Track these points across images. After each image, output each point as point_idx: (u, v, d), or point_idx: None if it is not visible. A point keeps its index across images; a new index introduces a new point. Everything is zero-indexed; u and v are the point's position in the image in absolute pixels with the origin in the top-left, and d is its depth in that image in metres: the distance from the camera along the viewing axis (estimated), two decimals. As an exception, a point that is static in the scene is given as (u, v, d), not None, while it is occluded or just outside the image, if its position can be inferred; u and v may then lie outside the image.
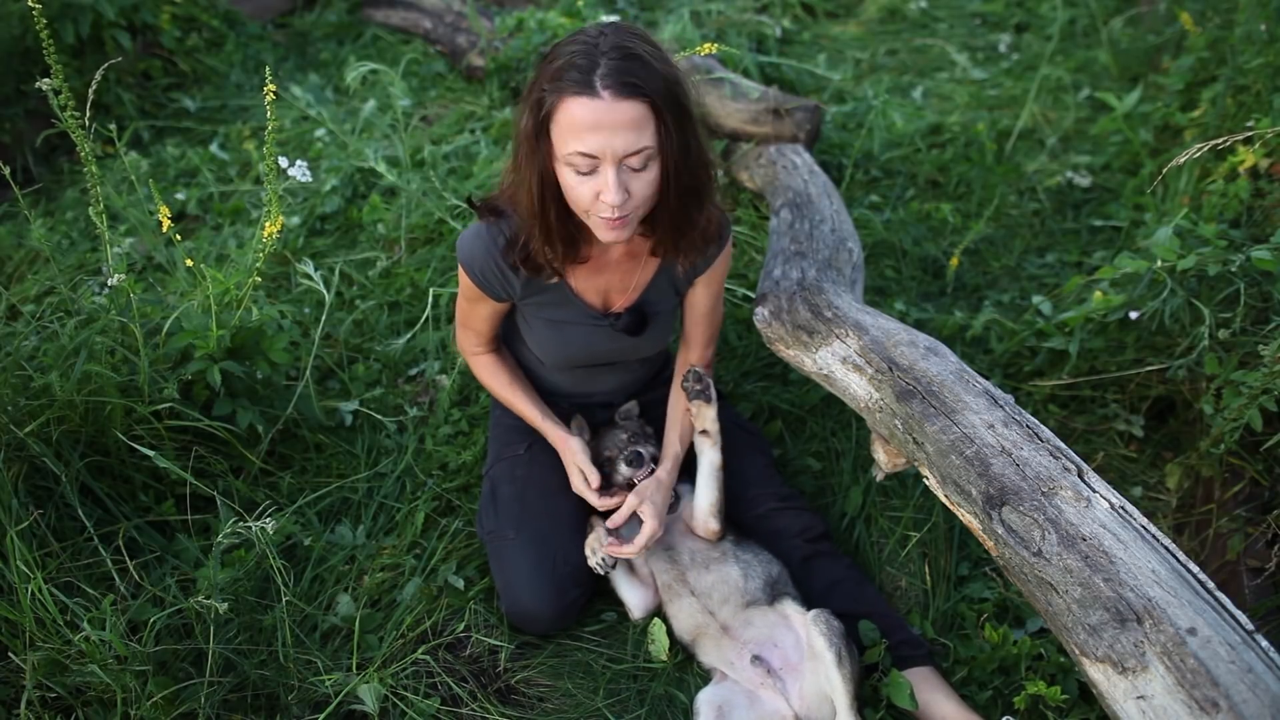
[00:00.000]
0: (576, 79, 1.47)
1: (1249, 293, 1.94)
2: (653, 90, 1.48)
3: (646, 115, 1.49)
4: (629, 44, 1.50)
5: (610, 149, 1.49)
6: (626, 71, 1.47)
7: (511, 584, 1.84)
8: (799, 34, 4.44)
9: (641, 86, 1.47)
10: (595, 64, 1.47)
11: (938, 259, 2.89)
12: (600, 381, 2.05)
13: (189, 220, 3.12)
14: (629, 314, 1.86)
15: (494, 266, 1.75)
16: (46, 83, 1.81)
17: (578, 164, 1.52)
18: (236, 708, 1.69)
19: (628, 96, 1.47)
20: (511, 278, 1.77)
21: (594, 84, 1.46)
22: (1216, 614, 1.22)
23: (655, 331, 1.91)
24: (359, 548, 2.03)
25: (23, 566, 1.62)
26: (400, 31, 4.30)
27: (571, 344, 1.88)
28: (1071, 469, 1.43)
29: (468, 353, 2.01)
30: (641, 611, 1.90)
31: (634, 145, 1.50)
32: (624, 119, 1.47)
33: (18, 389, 1.90)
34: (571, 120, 1.48)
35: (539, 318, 1.86)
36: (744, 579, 1.82)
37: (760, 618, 1.77)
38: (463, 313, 1.92)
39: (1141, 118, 3.26)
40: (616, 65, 1.47)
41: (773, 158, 2.76)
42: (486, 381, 2.01)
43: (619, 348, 1.91)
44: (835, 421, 2.31)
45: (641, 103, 1.48)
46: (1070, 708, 1.68)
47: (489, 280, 1.78)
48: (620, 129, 1.48)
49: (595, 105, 1.47)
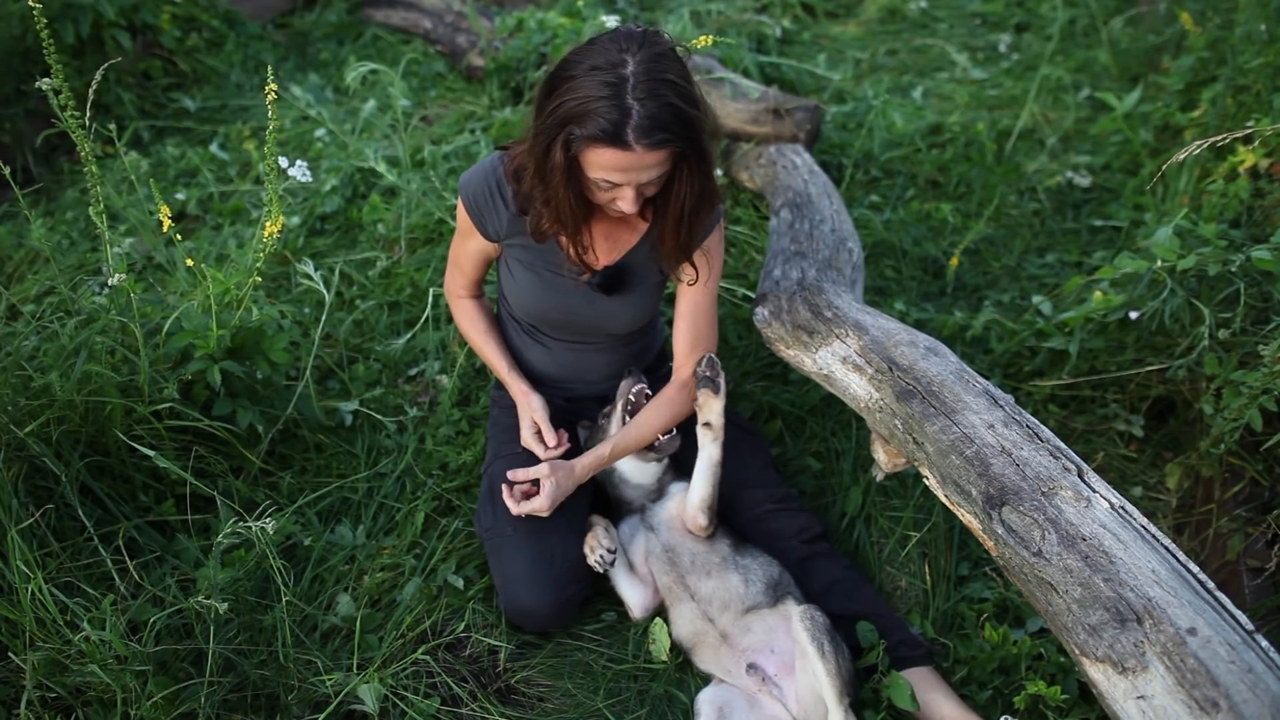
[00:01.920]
0: (608, 130, 1.51)
1: (1249, 293, 1.94)
2: (681, 141, 1.56)
3: (671, 155, 1.59)
4: (659, 79, 1.52)
5: (635, 183, 1.60)
6: (658, 125, 1.52)
7: (510, 580, 1.84)
8: (799, 34, 4.44)
9: (670, 137, 1.54)
10: (627, 115, 1.50)
11: (938, 259, 2.89)
12: (588, 365, 2.03)
13: (189, 220, 3.12)
14: (605, 272, 1.87)
15: (486, 194, 1.81)
16: (46, 83, 1.81)
17: (600, 184, 1.62)
18: (236, 708, 1.69)
19: (659, 148, 1.54)
20: (501, 210, 1.82)
21: (626, 138, 1.52)
22: (1216, 614, 1.22)
23: (632, 299, 1.91)
24: (359, 548, 2.03)
25: (23, 566, 1.62)
26: (400, 31, 4.30)
27: (547, 294, 1.90)
28: (1071, 469, 1.43)
29: (452, 295, 2.08)
30: (642, 611, 1.89)
31: (655, 176, 1.61)
32: (651, 162, 1.57)
33: (18, 389, 1.90)
34: (601, 162, 1.56)
35: (519, 261, 1.90)
36: (744, 585, 1.81)
37: (759, 622, 1.77)
38: (454, 249, 1.99)
39: (1141, 118, 3.26)
40: (649, 116, 1.51)
41: (773, 158, 2.76)
42: (464, 328, 2.08)
43: (595, 312, 1.91)
44: (835, 421, 2.31)
45: (670, 150, 1.57)
46: (1070, 708, 1.68)
47: (479, 208, 1.83)
48: (647, 169, 1.58)
49: (627, 157, 1.54)
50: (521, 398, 1.98)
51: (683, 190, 1.66)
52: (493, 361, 2.04)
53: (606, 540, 1.85)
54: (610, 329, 1.97)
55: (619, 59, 1.51)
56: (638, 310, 1.94)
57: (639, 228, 1.86)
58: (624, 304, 1.91)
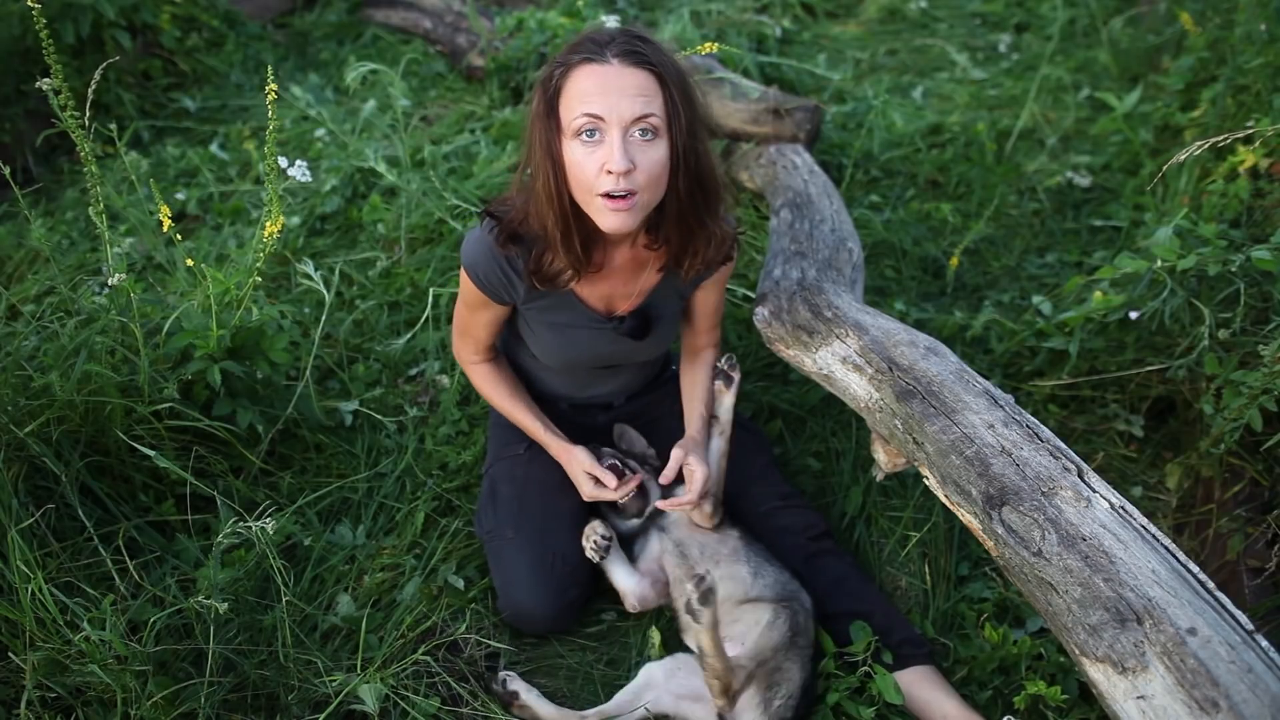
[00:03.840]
0: (588, 49, 1.54)
1: (1249, 293, 1.94)
2: (660, 64, 1.54)
3: (654, 86, 1.53)
4: (640, 34, 1.58)
5: (617, 112, 1.50)
6: (636, 46, 1.54)
7: (510, 583, 1.84)
8: (799, 34, 4.44)
9: (650, 58, 1.53)
10: (608, 40, 1.54)
11: (938, 259, 2.89)
12: (600, 384, 2.04)
13: (189, 220, 3.12)
14: (633, 317, 1.84)
15: (498, 270, 1.74)
16: (46, 83, 1.81)
17: (583, 126, 1.52)
18: (236, 708, 1.69)
19: (636, 65, 1.52)
20: (515, 281, 1.75)
21: (604, 54, 1.53)
22: (1216, 614, 1.22)
23: (659, 335, 1.90)
24: (359, 548, 2.03)
25: (23, 566, 1.62)
26: (400, 31, 4.30)
27: (575, 346, 1.87)
28: (1071, 469, 1.43)
29: (465, 362, 1.99)
30: (637, 600, 1.86)
31: (640, 110, 1.51)
32: (631, 84, 1.52)
33: (18, 389, 1.90)
34: (580, 89, 1.53)
35: (541, 321, 1.85)
36: (752, 577, 1.81)
37: (751, 614, 1.76)
38: (462, 320, 1.91)
39: (1141, 118, 3.26)
40: (627, 41, 1.54)
41: (773, 158, 2.76)
42: (486, 393, 1.99)
43: (622, 350, 1.90)
44: (835, 421, 2.31)
45: (649, 73, 1.53)
46: (1070, 708, 1.68)
47: (492, 284, 1.76)
48: (627, 93, 1.51)
49: (604, 70, 1.52)
50: (565, 455, 1.90)
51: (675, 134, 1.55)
52: (524, 423, 1.95)
53: (602, 528, 1.85)
54: (637, 360, 1.99)
55: (603, 39, 1.56)
56: (666, 340, 1.96)
57: (654, 265, 1.80)
58: (652, 340, 1.90)
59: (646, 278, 1.82)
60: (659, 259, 1.77)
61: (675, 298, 1.90)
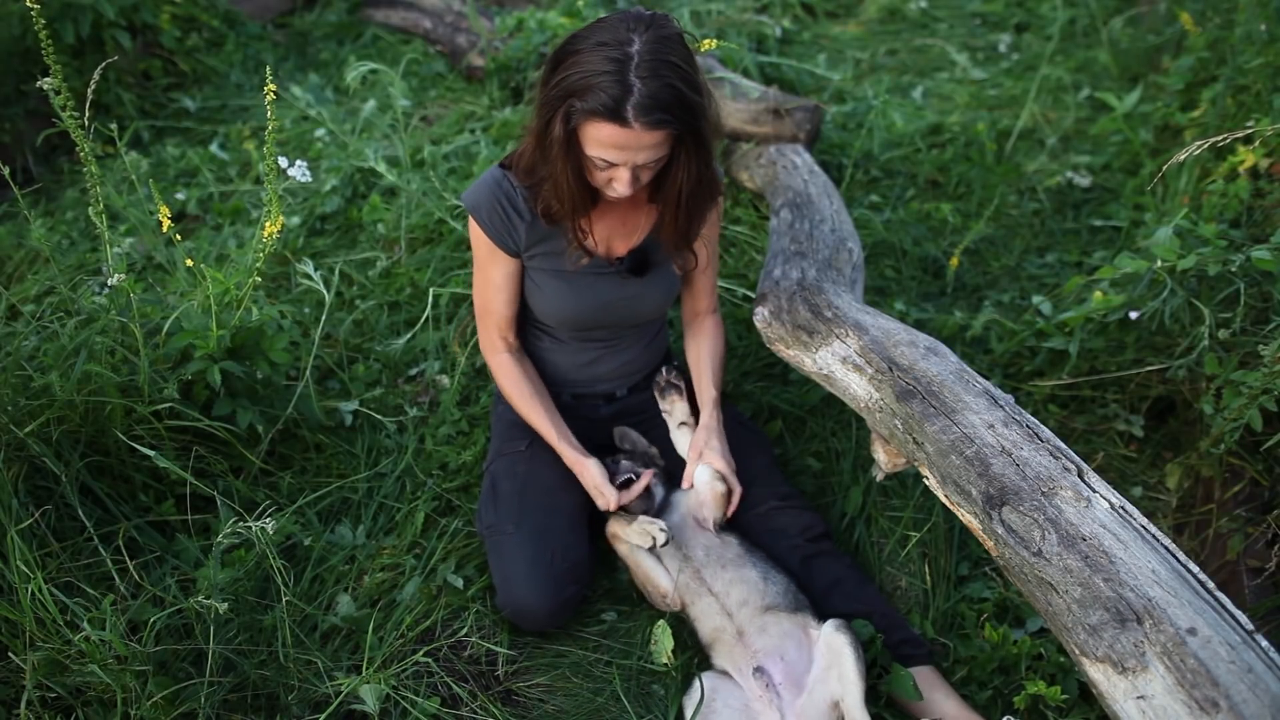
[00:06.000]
0: (608, 105, 1.52)
1: (1249, 293, 1.94)
2: (681, 124, 1.57)
3: (670, 138, 1.59)
4: (663, 60, 1.52)
5: (631, 163, 1.61)
6: (658, 105, 1.52)
7: (509, 579, 1.84)
8: (799, 34, 4.44)
9: (670, 118, 1.54)
10: (628, 91, 1.51)
11: (938, 259, 2.89)
12: (602, 361, 2.04)
13: (189, 220, 3.12)
14: (632, 255, 1.89)
15: (499, 208, 1.80)
16: (47, 82, 1.81)
17: (597, 163, 1.63)
18: (236, 708, 1.69)
19: (656, 128, 1.54)
20: (516, 221, 1.81)
21: (625, 114, 1.52)
22: (1216, 614, 1.22)
23: (659, 278, 1.94)
24: (359, 548, 2.03)
25: (23, 566, 1.62)
26: (400, 31, 4.30)
27: (580, 294, 1.89)
28: (1071, 469, 1.43)
29: (491, 352, 2.00)
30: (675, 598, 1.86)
31: (652, 158, 1.61)
32: (649, 143, 1.57)
33: (18, 389, 1.90)
34: (599, 137, 1.57)
35: (544, 271, 1.88)
36: (764, 581, 1.80)
37: (776, 625, 1.75)
38: (480, 293, 1.94)
39: (1141, 118, 3.26)
40: (651, 95, 1.51)
41: (773, 158, 2.76)
42: (508, 391, 2.00)
43: (625, 298, 1.93)
44: (835, 421, 2.31)
45: (669, 131, 1.57)
46: (1070, 708, 1.68)
47: (495, 224, 1.81)
48: (644, 149, 1.59)
49: (624, 134, 1.55)
50: (578, 467, 1.93)
51: (680, 175, 1.67)
52: (541, 426, 1.96)
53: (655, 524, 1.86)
54: (643, 313, 2.00)
55: (626, 37, 1.53)
56: (666, 288, 1.98)
57: (651, 211, 1.88)
58: (653, 284, 1.94)
59: (645, 217, 1.89)
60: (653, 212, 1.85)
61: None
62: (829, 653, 1.67)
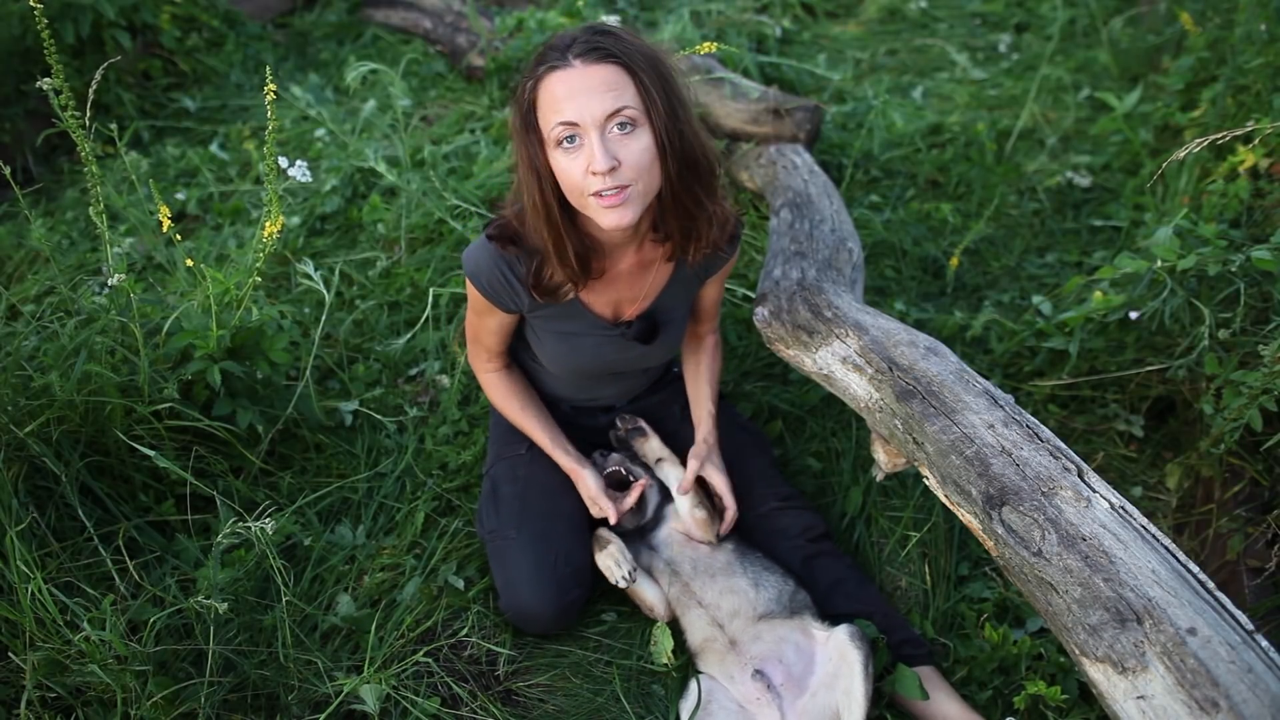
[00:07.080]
0: (551, 57, 1.53)
1: (1249, 293, 1.94)
2: (624, 53, 1.51)
3: (622, 77, 1.51)
4: (601, 27, 1.56)
5: (589, 113, 1.49)
6: (596, 42, 1.52)
7: (512, 583, 1.84)
8: (799, 34, 4.44)
9: (610, 50, 1.51)
10: (569, 42, 1.54)
11: (938, 259, 2.89)
12: (603, 388, 2.05)
13: (189, 220, 3.12)
14: (640, 322, 1.85)
15: (500, 278, 1.73)
16: (47, 82, 1.81)
17: (561, 135, 1.52)
18: (236, 708, 1.69)
19: (598, 61, 1.50)
20: (520, 290, 1.75)
21: (566, 58, 1.52)
22: (1216, 614, 1.22)
23: (666, 339, 1.90)
24: (359, 548, 2.03)
25: (23, 566, 1.62)
26: (400, 31, 4.30)
27: (582, 354, 1.87)
28: (1071, 469, 1.43)
29: (479, 369, 1.99)
30: (664, 611, 1.88)
31: (611, 105, 1.49)
32: (597, 81, 1.50)
33: (18, 389, 1.90)
34: (551, 98, 1.52)
35: (548, 330, 1.85)
36: (754, 590, 1.80)
37: (770, 631, 1.75)
38: (472, 327, 1.91)
39: (1141, 118, 3.26)
40: (587, 39, 1.52)
41: (773, 158, 2.76)
42: (499, 403, 1.99)
43: (629, 357, 1.90)
44: (835, 421, 2.31)
45: (613, 65, 1.51)
46: (1070, 708, 1.68)
47: (496, 291, 1.76)
48: (595, 91, 1.49)
49: (568, 74, 1.51)
50: (575, 475, 1.94)
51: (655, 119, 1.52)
52: (536, 435, 1.96)
53: (626, 562, 1.86)
54: (645, 366, 2.00)
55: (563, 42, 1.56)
56: (673, 345, 1.95)
57: (663, 273, 1.82)
58: (659, 345, 1.90)
59: (655, 277, 1.82)
60: (666, 252, 1.76)
61: (684, 295, 1.90)
62: (840, 661, 1.67)
